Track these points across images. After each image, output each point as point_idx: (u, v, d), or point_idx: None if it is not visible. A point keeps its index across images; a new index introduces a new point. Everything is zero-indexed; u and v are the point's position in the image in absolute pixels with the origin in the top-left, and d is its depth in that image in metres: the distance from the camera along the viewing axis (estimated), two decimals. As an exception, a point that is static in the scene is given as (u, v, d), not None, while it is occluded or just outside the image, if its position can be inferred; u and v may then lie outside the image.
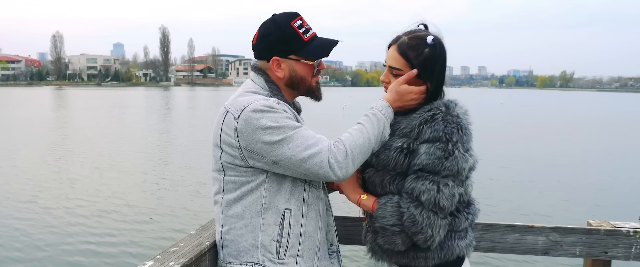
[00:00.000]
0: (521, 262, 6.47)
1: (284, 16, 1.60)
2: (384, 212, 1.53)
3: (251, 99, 1.53)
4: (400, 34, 1.63)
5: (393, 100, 1.60)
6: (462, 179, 1.50)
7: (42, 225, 7.96)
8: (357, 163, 1.52)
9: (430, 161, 1.46)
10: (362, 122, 1.57)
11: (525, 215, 8.80)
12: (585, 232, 1.96)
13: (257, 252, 1.56)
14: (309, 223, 1.60)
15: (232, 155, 1.54)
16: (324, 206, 1.68)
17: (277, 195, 1.55)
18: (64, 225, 7.97)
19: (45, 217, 8.44)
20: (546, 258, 2.07)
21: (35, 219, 8.28)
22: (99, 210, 8.87)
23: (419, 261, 1.57)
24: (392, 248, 1.57)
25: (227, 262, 1.60)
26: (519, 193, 10.80)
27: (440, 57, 1.60)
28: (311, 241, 1.60)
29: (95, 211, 8.84)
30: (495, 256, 4.91)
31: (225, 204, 1.60)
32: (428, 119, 1.51)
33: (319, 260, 1.62)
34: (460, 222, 1.56)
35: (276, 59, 1.61)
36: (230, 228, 1.59)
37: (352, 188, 1.67)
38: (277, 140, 1.46)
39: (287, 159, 1.46)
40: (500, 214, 8.71)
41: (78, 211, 8.81)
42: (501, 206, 9.41)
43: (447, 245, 1.55)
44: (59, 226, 7.90)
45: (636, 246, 1.93)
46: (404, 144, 1.53)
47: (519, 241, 1.99)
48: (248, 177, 1.55)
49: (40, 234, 7.50)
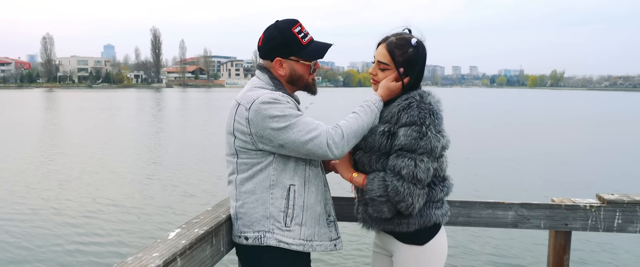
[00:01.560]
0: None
1: (286, 23, 1.89)
2: (372, 186, 1.82)
3: (259, 93, 1.82)
4: (389, 35, 1.93)
5: (385, 95, 1.90)
6: (436, 156, 1.79)
7: (31, 226, 8.03)
8: (351, 145, 1.81)
9: (407, 142, 1.75)
10: (357, 111, 1.86)
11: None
12: (548, 207, 2.25)
13: (267, 222, 1.84)
14: (310, 196, 1.88)
15: (244, 141, 1.82)
16: (322, 182, 1.96)
17: (283, 173, 1.84)
18: (52, 226, 8.03)
19: (33, 217, 8.50)
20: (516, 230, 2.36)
21: (23, 220, 8.36)
22: (87, 210, 8.97)
23: (402, 226, 1.85)
24: (380, 216, 1.85)
25: (242, 232, 1.88)
26: (497, 179, 12.05)
27: (421, 57, 1.89)
28: (312, 211, 1.89)
29: (83, 211, 8.93)
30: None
31: (238, 182, 1.87)
32: (405, 106, 1.80)
33: (319, 228, 1.91)
34: (437, 194, 1.86)
35: (279, 59, 1.90)
36: (244, 202, 1.87)
37: (345, 168, 1.96)
38: (283, 126, 1.74)
39: (292, 142, 1.75)
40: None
41: (66, 212, 8.90)
42: (478, 188, 10.70)
43: (425, 213, 1.84)
44: (48, 227, 7.96)
45: (592, 218, 2.23)
46: (385, 128, 1.82)
47: (492, 215, 2.28)
48: (258, 159, 1.83)
49: (28, 235, 7.56)
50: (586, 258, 6.80)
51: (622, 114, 41.32)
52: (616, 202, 2.21)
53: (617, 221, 2.22)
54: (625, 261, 6.91)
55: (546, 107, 53.94)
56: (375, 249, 2.13)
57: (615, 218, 2.22)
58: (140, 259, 1.47)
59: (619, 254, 7.11)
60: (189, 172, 12.61)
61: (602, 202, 2.24)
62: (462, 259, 6.74)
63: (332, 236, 1.96)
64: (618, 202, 2.21)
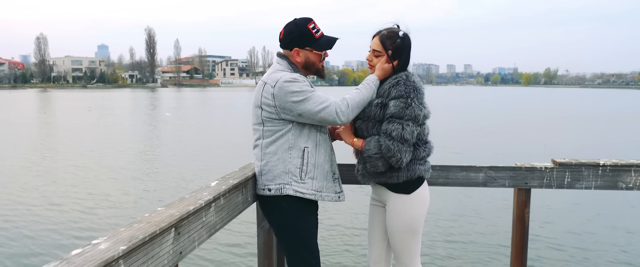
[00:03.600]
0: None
1: (302, 20, 2.40)
2: (369, 146, 2.31)
3: (281, 74, 2.32)
4: (382, 29, 2.44)
5: (381, 75, 2.41)
6: (419, 122, 2.29)
7: (22, 222, 8.33)
8: (354, 113, 2.31)
9: (396, 110, 2.25)
10: (359, 87, 2.37)
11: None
12: (512, 169, 2.76)
13: (286, 176, 2.33)
14: (320, 156, 2.38)
15: (270, 112, 2.31)
16: (329, 147, 2.46)
17: (299, 138, 2.33)
18: (45, 222, 8.37)
19: (25, 212, 8.87)
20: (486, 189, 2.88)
21: (14, 218, 8.65)
22: (83, 207, 9.35)
23: (393, 178, 2.35)
24: (375, 170, 2.35)
25: (265, 185, 2.37)
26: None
27: (407, 45, 2.39)
28: (322, 169, 2.38)
29: (81, 208, 9.30)
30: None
31: (264, 146, 2.37)
32: (394, 84, 2.31)
33: (327, 182, 2.41)
34: (420, 153, 2.36)
35: (296, 49, 2.40)
36: (268, 161, 2.36)
37: (347, 134, 2.46)
38: (301, 99, 2.24)
39: (308, 111, 2.24)
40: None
41: (63, 208, 9.27)
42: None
43: (411, 168, 2.34)
44: (41, 221, 8.32)
45: (546, 177, 2.74)
46: (379, 101, 2.33)
47: (466, 177, 2.79)
48: (280, 127, 2.33)
49: (18, 233, 7.82)
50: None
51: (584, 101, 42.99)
52: (566, 164, 2.73)
53: (567, 180, 2.74)
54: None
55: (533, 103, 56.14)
56: (372, 202, 2.63)
57: (565, 177, 2.74)
58: (195, 196, 1.96)
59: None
60: (184, 171, 13.05)
61: (555, 164, 2.75)
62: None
63: (337, 189, 2.46)
64: (567, 164, 2.73)
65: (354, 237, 7.72)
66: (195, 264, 6.50)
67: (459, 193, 10.01)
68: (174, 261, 1.60)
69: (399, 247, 2.45)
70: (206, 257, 6.71)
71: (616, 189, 2.73)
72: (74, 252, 1.27)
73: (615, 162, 2.71)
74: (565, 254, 7.06)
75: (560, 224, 8.45)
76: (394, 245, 2.47)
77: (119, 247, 1.30)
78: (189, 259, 6.44)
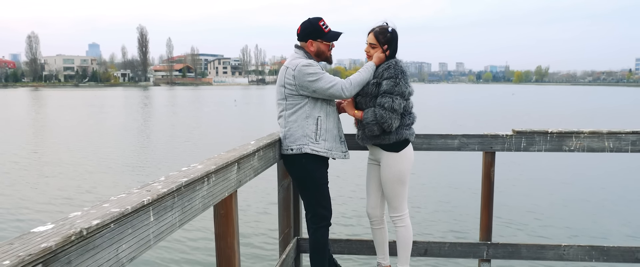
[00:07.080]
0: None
1: (315, 19, 3.11)
2: (367, 115, 3.02)
3: (300, 60, 3.03)
4: (375, 27, 3.15)
5: (377, 62, 3.12)
6: (405, 97, 3.00)
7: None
8: (356, 90, 3.03)
9: (387, 88, 2.96)
10: (360, 71, 3.08)
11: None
12: (480, 136, 3.49)
13: (305, 138, 3.05)
14: (330, 123, 3.10)
15: (291, 89, 3.02)
16: (337, 116, 3.19)
17: (314, 109, 3.05)
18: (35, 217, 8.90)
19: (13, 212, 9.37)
20: (460, 152, 3.62)
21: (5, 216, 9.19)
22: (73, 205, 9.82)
23: (385, 140, 3.07)
24: (372, 134, 3.06)
25: (289, 146, 3.09)
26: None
27: (395, 38, 3.11)
28: (331, 133, 3.10)
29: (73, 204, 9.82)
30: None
31: (286, 116, 3.08)
32: (386, 67, 3.02)
33: (335, 143, 3.13)
34: (406, 120, 3.08)
35: (310, 41, 3.12)
36: (290, 128, 3.07)
37: (350, 107, 3.18)
38: (315, 79, 2.95)
39: (320, 88, 2.96)
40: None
41: (47, 207, 9.77)
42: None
43: (399, 132, 3.06)
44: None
45: (507, 143, 3.47)
46: (375, 81, 3.04)
47: (444, 143, 3.51)
48: (299, 101, 3.04)
49: None
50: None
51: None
52: (522, 132, 3.46)
53: (523, 144, 3.47)
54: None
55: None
56: (369, 162, 3.34)
57: (521, 143, 3.47)
58: (241, 151, 2.66)
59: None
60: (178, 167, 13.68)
61: (514, 133, 3.48)
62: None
63: (343, 149, 3.18)
64: (523, 132, 3.46)
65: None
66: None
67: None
68: (235, 187, 2.31)
69: (391, 195, 3.17)
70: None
71: (561, 151, 3.45)
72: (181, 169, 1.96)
73: (560, 130, 3.44)
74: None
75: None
76: (386, 193, 3.19)
77: (211, 167, 2.01)
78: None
